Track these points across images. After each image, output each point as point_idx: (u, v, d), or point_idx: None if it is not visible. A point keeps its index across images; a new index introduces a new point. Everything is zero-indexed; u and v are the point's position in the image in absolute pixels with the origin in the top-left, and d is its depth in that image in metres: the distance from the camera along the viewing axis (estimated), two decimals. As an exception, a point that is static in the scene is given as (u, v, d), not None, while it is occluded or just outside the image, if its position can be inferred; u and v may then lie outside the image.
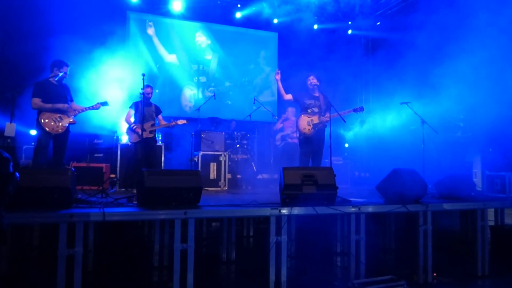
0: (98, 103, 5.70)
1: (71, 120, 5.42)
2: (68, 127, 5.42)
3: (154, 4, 9.97)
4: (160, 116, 6.73)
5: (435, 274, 4.32)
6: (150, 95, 6.49)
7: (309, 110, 5.94)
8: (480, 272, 4.54)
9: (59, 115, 5.31)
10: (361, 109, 5.96)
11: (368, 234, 4.16)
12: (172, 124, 6.65)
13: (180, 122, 6.65)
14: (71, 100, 5.59)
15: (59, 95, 5.39)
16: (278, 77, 6.02)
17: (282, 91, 6.07)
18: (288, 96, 6.07)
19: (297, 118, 6.07)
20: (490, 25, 7.56)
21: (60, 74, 5.32)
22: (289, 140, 8.36)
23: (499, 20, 7.32)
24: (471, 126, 7.42)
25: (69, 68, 5.50)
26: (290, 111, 8.53)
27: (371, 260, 4.19)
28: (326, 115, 5.83)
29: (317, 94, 6.01)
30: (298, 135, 6.14)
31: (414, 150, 7.50)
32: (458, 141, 7.43)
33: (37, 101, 5.21)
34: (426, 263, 4.28)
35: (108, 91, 8.21)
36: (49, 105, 5.24)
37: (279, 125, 8.70)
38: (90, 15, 8.30)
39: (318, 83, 5.94)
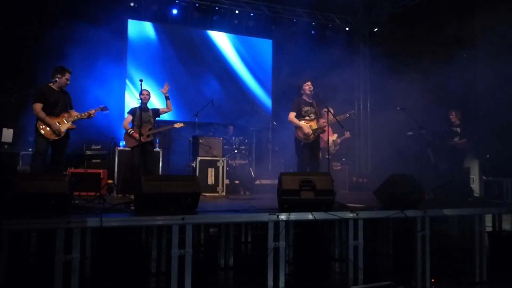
0: (92, 109, 5.56)
1: (70, 125, 5.39)
2: (67, 133, 5.40)
3: (153, 11, 10.01)
4: (162, 109, 6.63)
5: (433, 280, 4.31)
6: (147, 100, 6.43)
7: (307, 118, 5.92)
8: (478, 278, 4.54)
9: (57, 120, 5.29)
10: (354, 114, 6.17)
11: (366, 240, 4.15)
12: (169, 127, 6.65)
13: (177, 125, 6.63)
14: (71, 108, 5.57)
15: (60, 102, 5.37)
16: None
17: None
18: (295, 120, 5.93)
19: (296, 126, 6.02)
20: (489, 31, 7.63)
21: (58, 80, 5.31)
22: (331, 149, 7.41)
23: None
24: (468, 132, 7.44)
25: (70, 75, 5.47)
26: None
27: (369, 266, 4.19)
28: (323, 120, 5.84)
29: (311, 100, 6.03)
30: (297, 141, 6.03)
31: (411, 156, 7.52)
32: (455, 146, 7.45)
33: (38, 106, 5.19)
34: (424, 269, 4.27)
35: (107, 97, 8.24)
36: (46, 117, 5.20)
37: None
38: (91, 21, 8.34)
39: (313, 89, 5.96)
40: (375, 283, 3.98)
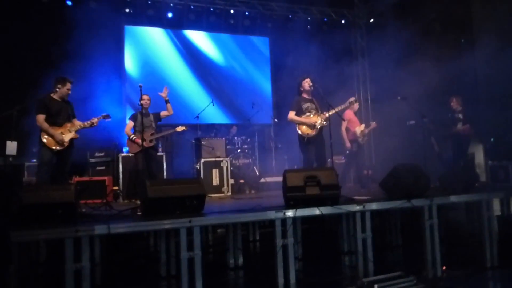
0: (94, 118, 5.54)
1: (74, 135, 5.39)
2: (71, 142, 5.40)
3: (148, 16, 10.00)
4: (163, 113, 6.54)
5: (444, 268, 4.30)
6: (147, 105, 6.41)
7: (307, 114, 5.90)
8: (489, 263, 4.52)
9: (60, 130, 5.30)
10: (356, 101, 6.47)
11: (374, 232, 4.15)
12: (171, 131, 6.65)
13: (179, 129, 6.61)
14: (74, 117, 5.58)
15: (62, 111, 5.37)
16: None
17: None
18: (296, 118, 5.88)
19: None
20: (488, 15, 7.57)
21: (59, 90, 5.31)
22: (360, 140, 7.25)
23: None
24: (471, 117, 7.39)
25: (71, 84, 5.47)
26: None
27: (379, 257, 4.19)
28: (324, 113, 5.83)
29: (310, 97, 6.01)
30: (301, 138, 5.98)
31: (415, 145, 7.49)
32: (458, 133, 7.40)
33: (41, 117, 5.20)
34: (434, 257, 4.27)
35: (108, 104, 8.26)
36: (49, 128, 5.19)
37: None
38: (88, 30, 8.35)
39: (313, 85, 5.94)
40: (386, 274, 3.97)
